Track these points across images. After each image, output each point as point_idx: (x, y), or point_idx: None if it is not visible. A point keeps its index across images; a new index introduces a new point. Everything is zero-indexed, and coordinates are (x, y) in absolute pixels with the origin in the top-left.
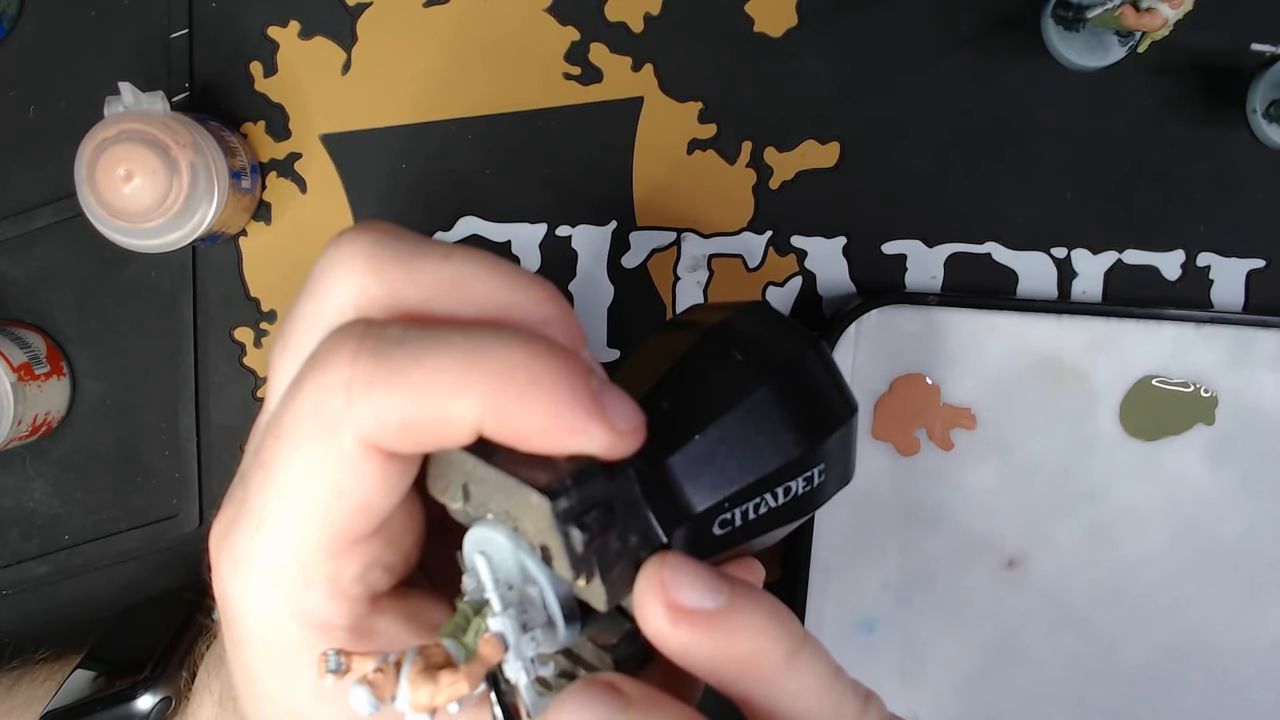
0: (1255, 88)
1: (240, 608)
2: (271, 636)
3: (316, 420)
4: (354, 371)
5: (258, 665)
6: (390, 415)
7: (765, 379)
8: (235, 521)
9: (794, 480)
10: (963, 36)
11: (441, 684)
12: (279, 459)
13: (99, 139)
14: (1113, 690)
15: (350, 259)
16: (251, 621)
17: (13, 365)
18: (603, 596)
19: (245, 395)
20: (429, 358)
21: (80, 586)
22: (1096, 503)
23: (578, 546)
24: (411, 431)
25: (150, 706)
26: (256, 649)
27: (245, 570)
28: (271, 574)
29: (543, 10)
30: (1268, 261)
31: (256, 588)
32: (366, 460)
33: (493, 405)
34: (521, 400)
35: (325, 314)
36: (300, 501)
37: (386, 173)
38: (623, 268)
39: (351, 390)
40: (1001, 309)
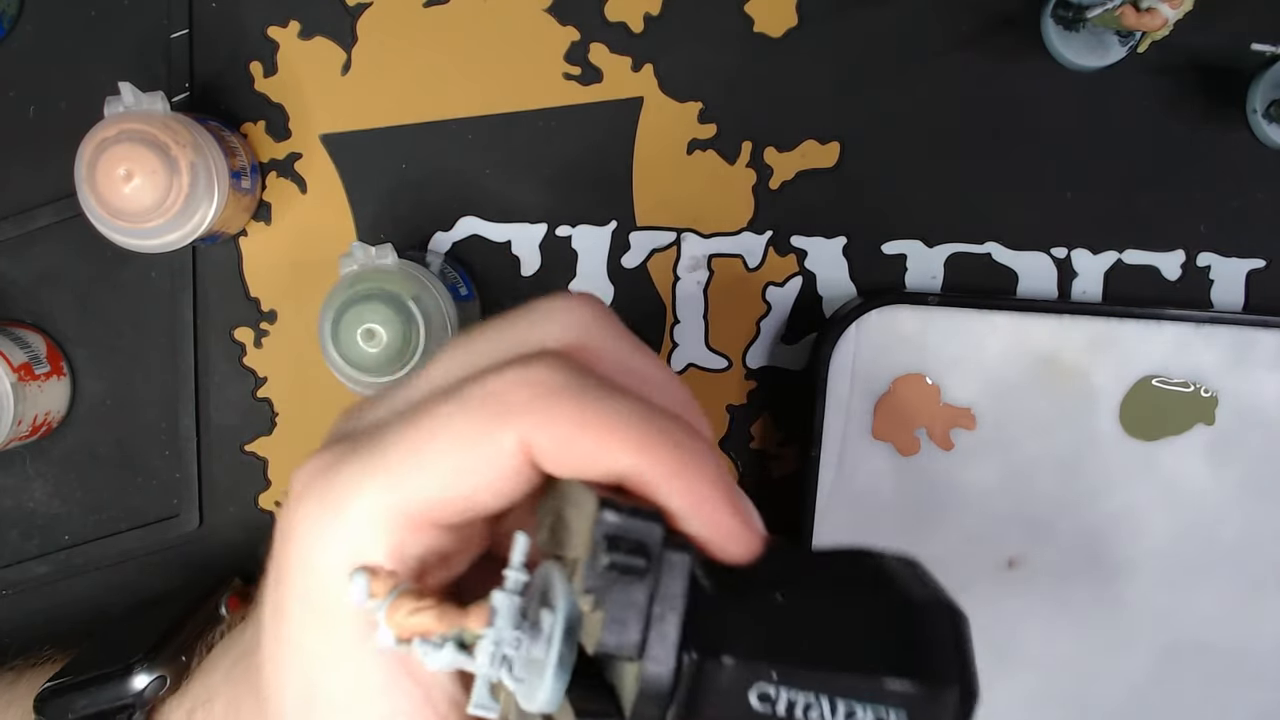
0: (1255, 88)
1: (305, 541)
2: (316, 581)
3: (495, 403)
4: (551, 379)
5: (292, 604)
6: (559, 434)
7: (888, 591)
8: (345, 459)
9: (862, 705)
10: (963, 36)
11: (417, 614)
12: (436, 418)
13: (99, 139)
14: (1113, 690)
15: (571, 314)
16: (309, 559)
17: (13, 365)
18: (597, 631)
19: (245, 395)
20: (613, 401)
21: (80, 586)
22: (1096, 503)
23: (601, 560)
24: (566, 456)
25: (145, 684)
26: (300, 588)
27: (335, 505)
28: (357, 517)
29: (543, 10)
30: (1268, 261)
31: (334, 525)
32: (512, 459)
33: (650, 464)
34: (677, 468)
35: (527, 341)
36: (432, 463)
37: (386, 173)
38: (623, 268)
39: (537, 395)
40: (1001, 309)
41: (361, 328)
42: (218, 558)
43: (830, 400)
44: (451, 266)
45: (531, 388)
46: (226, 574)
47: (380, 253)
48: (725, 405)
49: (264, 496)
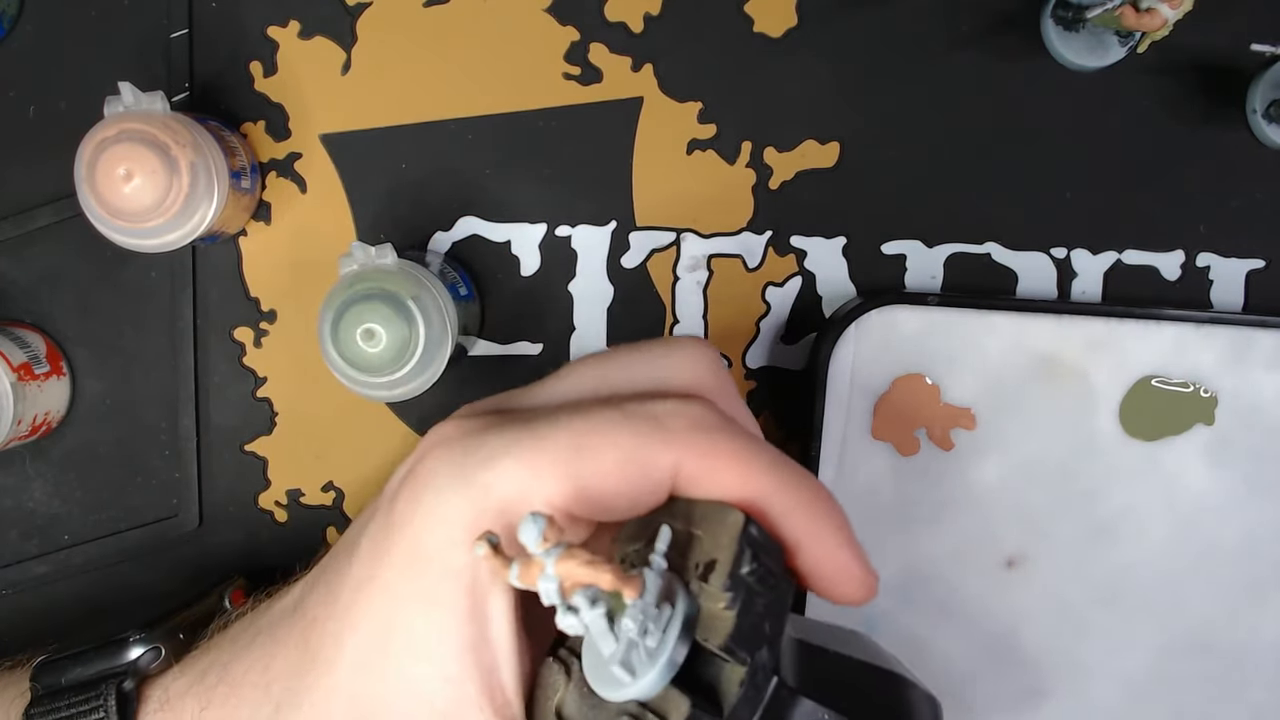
0: (1255, 88)
1: (435, 487)
2: (436, 525)
3: (659, 426)
4: (706, 417)
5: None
6: (710, 464)
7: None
8: (503, 425)
9: None
10: (963, 36)
11: (591, 566)
12: (603, 418)
13: (99, 139)
14: (1113, 690)
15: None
16: (436, 502)
17: (13, 365)
18: (729, 629)
19: (245, 395)
20: (758, 444)
21: (80, 586)
22: (1096, 503)
23: (744, 565)
24: (712, 482)
25: (139, 654)
26: (410, 531)
27: (479, 460)
28: (498, 478)
29: (543, 10)
30: (1268, 261)
31: (474, 479)
32: (662, 476)
33: (787, 497)
34: (810, 503)
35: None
36: (590, 455)
37: (386, 173)
38: (622, 268)
39: (699, 426)
40: (1001, 309)
41: (361, 328)
42: (217, 558)
43: (830, 400)
44: (451, 266)
45: (690, 420)
46: (228, 573)
47: (380, 253)
48: None
49: (264, 496)
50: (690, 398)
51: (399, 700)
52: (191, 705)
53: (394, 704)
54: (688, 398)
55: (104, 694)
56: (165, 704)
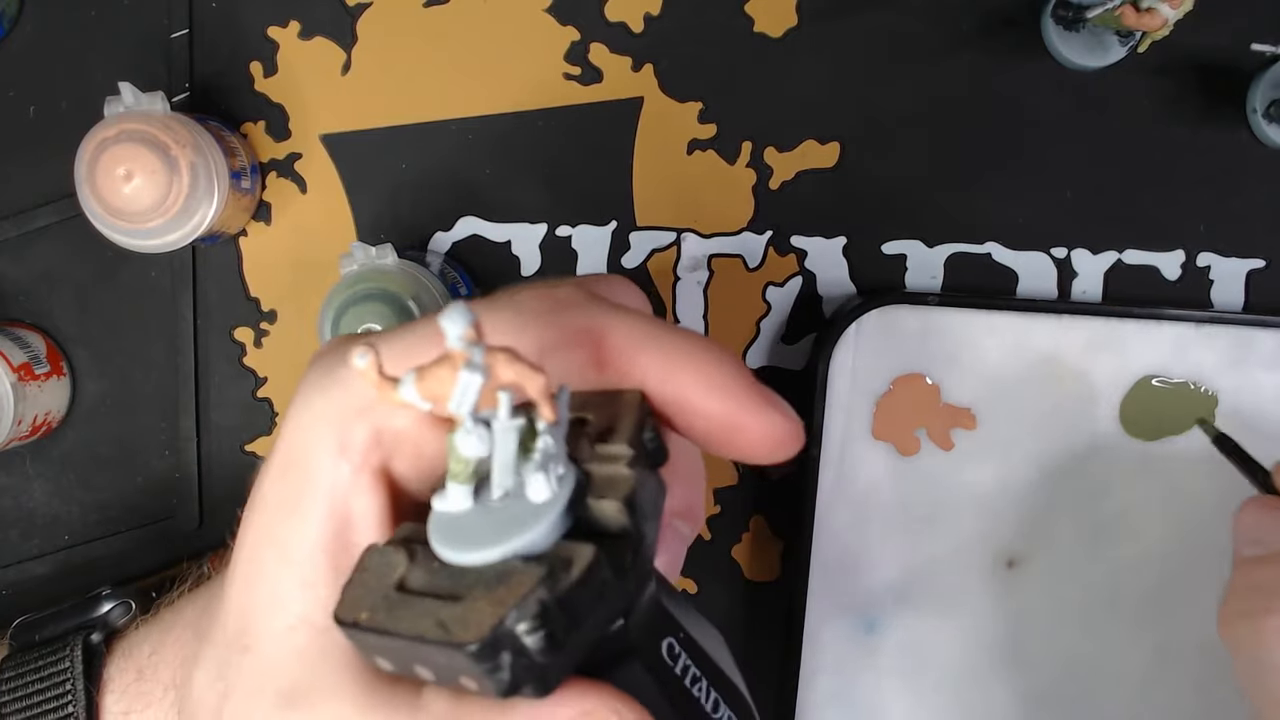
0: (1255, 88)
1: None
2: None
3: (518, 311)
4: (573, 293)
5: (271, 462)
6: (570, 343)
7: None
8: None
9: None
10: (963, 36)
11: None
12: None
13: (99, 139)
14: (1113, 690)
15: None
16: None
17: (13, 365)
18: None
19: (245, 395)
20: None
21: (80, 586)
22: (1096, 503)
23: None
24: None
25: (109, 607)
26: (282, 444)
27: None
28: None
29: (543, 10)
30: (1268, 261)
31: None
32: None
33: (665, 365)
34: (696, 369)
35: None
36: (431, 341)
37: (386, 173)
38: (623, 268)
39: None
40: (1001, 309)
41: (361, 328)
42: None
43: (830, 400)
44: (451, 266)
45: (553, 301)
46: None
47: (380, 253)
48: None
49: None
50: (562, 284)
51: (267, 607)
52: (146, 650)
53: (263, 610)
54: (559, 285)
55: (71, 645)
56: (127, 653)
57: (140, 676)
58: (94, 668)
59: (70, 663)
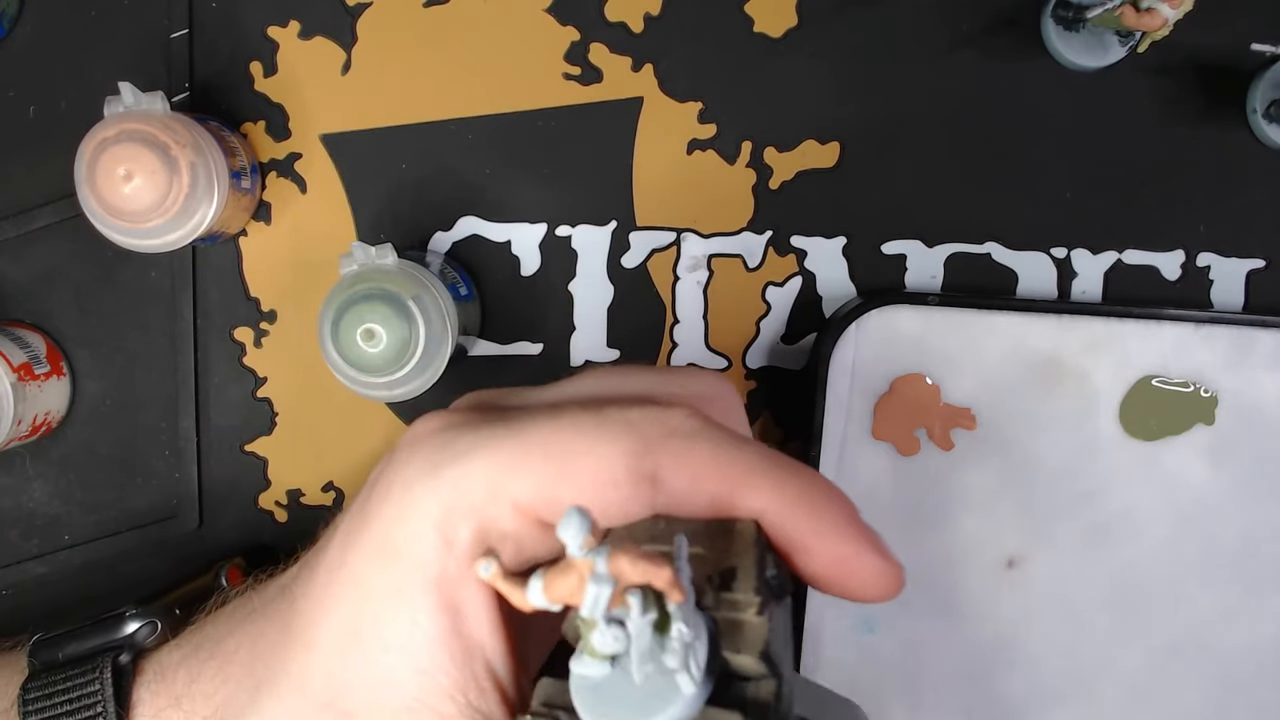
0: (1255, 88)
1: (405, 480)
2: (405, 519)
3: (637, 430)
4: (685, 424)
5: (370, 536)
6: (693, 472)
7: None
8: (480, 422)
9: None
10: (963, 36)
11: (646, 561)
12: (579, 421)
13: (99, 139)
14: (1113, 690)
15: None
16: (405, 496)
17: (13, 365)
18: (763, 637)
19: (245, 395)
20: (747, 446)
21: (80, 586)
22: (1096, 503)
23: (769, 568)
24: (697, 492)
25: (135, 628)
26: (385, 521)
27: (451, 454)
28: (467, 473)
29: (543, 10)
30: (1268, 261)
31: (445, 472)
32: (635, 482)
33: (789, 505)
34: (816, 510)
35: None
36: (561, 457)
37: (386, 173)
38: (623, 268)
39: (677, 433)
40: (1001, 309)
41: (361, 328)
42: (217, 558)
43: (830, 400)
44: (451, 266)
45: (667, 426)
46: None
47: (380, 253)
48: None
49: (264, 496)
50: (674, 406)
51: (374, 684)
52: (183, 677)
53: (369, 686)
54: (671, 406)
55: (100, 667)
56: (160, 676)
57: (177, 704)
58: (123, 690)
59: (100, 685)
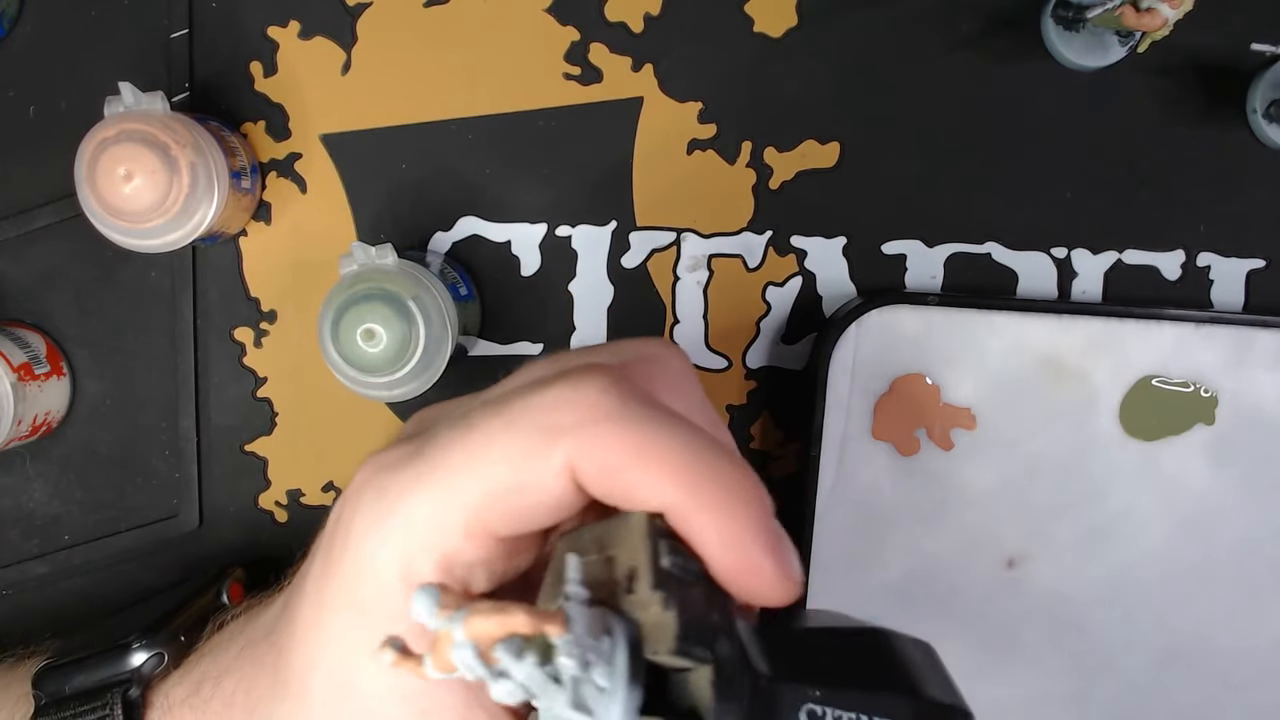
0: (1255, 88)
1: (359, 534)
2: (368, 572)
3: (541, 422)
4: (597, 404)
5: (336, 593)
6: (603, 459)
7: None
8: (405, 461)
9: None
10: (963, 36)
11: (501, 614)
12: (487, 431)
13: (99, 139)
14: (1113, 690)
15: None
16: (361, 551)
17: (13, 365)
18: (673, 631)
19: (245, 395)
20: (664, 430)
21: (80, 586)
22: (1096, 503)
23: (663, 558)
24: (610, 480)
25: (142, 661)
26: (347, 578)
27: (390, 503)
28: (410, 518)
29: (543, 10)
30: (1268, 261)
31: (388, 522)
32: (559, 478)
33: (693, 501)
34: (715, 509)
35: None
36: (482, 475)
37: (386, 173)
38: (623, 268)
39: (586, 417)
40: (1001, 309)
41: (361, 328)
42: (217, 558)
43: (830, 400)
44: (451, 266)
45: (578, 410)
46: (228, 565)
47: (380, 253)
48: (725, 405)
49: (264, 496)
50: (588, 377)
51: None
52: (189, 716)
53: None
54: (583, 378)
55: (110, 703)
56: (168, 711)
57: None
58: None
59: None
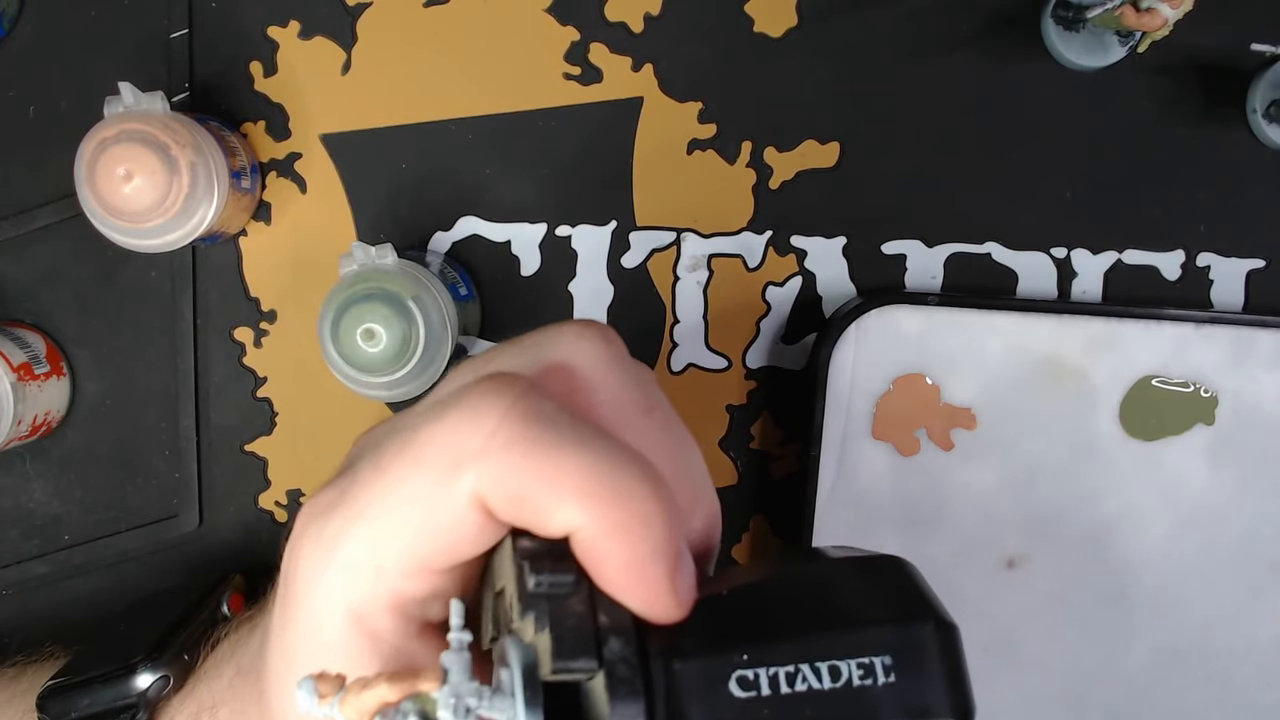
0: (1255, 88)
1: (304, 584)
2: (322, 622)
3: (444, 454)
4: (499, 427)
5: (297, 644)
6: (510, 485)
7: (830, 562)
8: (335, 506)
9: (844, 661)
10: (963, 36)
11: (369, 689)
12: (394, 472)
13: (99, 139)
14: (1113, 690)
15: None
16: (309, 601)
17: (13, 365)
18: (551, 649)
19: (245, 395)
20: (569, 451)
21: (80, 586)
22: (1096, 503)
23: (529, 581)
24: (518, 507)
25: (148, 684)
26: (302, 628)
27: (327, 552)
28: (348, 566)
29: (543, 10)
30: (1268, 261)
31: (328, 572)
32: (470, 511)
33: (596, 526)
34: (622, 534)
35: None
36: (398, 518)
37: (386, 173)
38: (623, 268)
39: (489, 444)
40: (1001, 309)
41: (361, 328)
42: (217, 558)
43: (830, 400)
44: (451, 266)
45: (480, 437)
46: (228, 571)
47: (380, 253)
48: (725, 405)
49: (264, 496)
50: (492, 393)
51: None
52: None
53: None
54: (487, 395)
55: None
56: None
57: None
58: None
59: None
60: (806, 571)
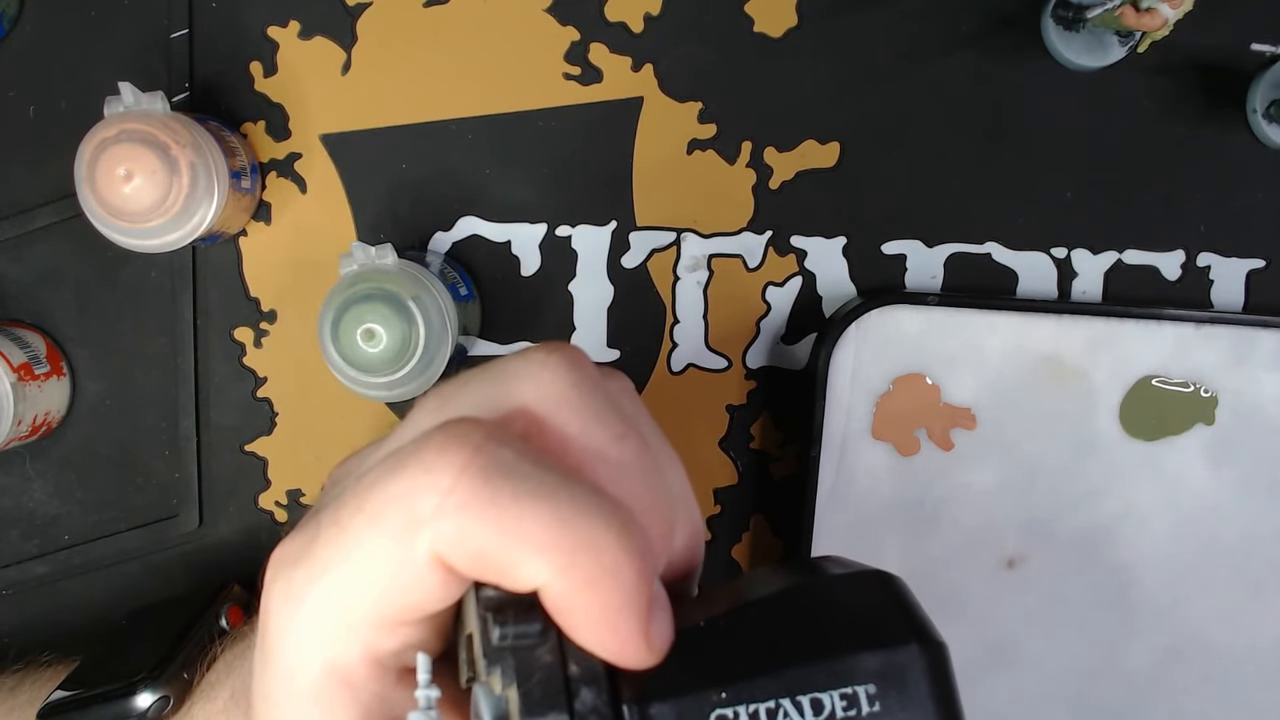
0: (1255, 88)
1: (278, 634)
2: (297, 672)
3: (401, 513)
4: (455, 484)
5: (276, 691)
6: (469, 543)
7: (810, 581)
8: (300, 558)
9: (826, 694)
10: (963, 36)
11: None
12: (353, 531)
13: (99, 139)
14: (1113, 690)
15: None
16: (284, 650)
17: (13, 365)
18: (519, 705)
19: (245, 395)
20: (529, 505)
21: (80, 586)
22: (1096, 503)
23: (494, 634)
24: (481, 565)
25: (148, 704)
26: (280, 677)
27: (295, 604)
28: (317, 620)
29: (543, 10)
30: (1268, 261)
31: (299, 624)
32: (430, 569)
33: (563, 581)
34: (590, 589)
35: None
36: (360, 576)
37: (386, 173)
38: (623, 268)
39: (445, 502)
40: (1001, 309)
41: (361, 328)
42: (217, 558)
43: (830, 400)
44: (451, 266)
45: (435, 495)
46: (226, 577)
47: (380, 253)
48: (725, 405)
49: (264, 496)
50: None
51: None
52: None
53: None
54: (443, 448)
55: None
56: None
57: None
58: None
59: None
60: (787, 595)
